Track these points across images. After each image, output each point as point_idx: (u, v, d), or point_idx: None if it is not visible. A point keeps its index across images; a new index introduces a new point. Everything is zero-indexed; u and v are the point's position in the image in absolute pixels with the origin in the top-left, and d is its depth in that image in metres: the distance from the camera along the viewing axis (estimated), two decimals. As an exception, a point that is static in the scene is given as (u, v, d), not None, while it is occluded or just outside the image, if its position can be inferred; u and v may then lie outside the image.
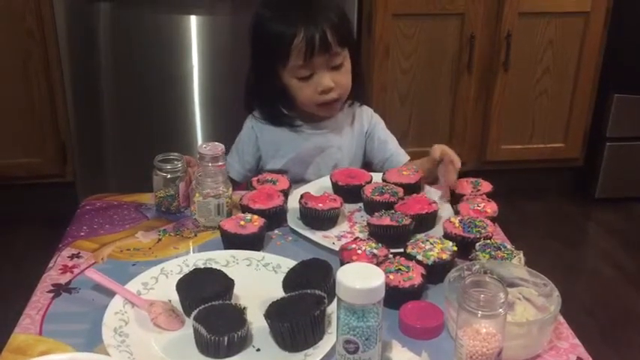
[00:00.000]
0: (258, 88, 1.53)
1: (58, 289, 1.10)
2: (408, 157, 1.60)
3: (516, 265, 1.06)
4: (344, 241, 1.20)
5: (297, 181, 1.48)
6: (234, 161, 1.57)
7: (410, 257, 1.10)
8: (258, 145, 1.56)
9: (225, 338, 0.92)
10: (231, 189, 1.29)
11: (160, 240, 1.25)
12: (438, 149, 1.40)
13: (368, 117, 1.61)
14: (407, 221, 1.19)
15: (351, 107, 1.58)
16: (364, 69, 1.71)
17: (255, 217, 1.22)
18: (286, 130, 1.54)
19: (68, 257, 1.19)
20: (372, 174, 1.41)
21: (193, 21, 2.41)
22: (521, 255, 1.10)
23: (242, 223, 1.19)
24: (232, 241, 1.18)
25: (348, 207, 1.34)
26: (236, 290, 1.04)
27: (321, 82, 1.44)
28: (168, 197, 1.33)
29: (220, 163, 1.26)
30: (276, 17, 1.44)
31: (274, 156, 1.55)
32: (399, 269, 1.04)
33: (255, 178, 1.39)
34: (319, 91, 1.45)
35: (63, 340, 0.97)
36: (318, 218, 1.26)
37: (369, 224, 1.23)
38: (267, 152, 1.56)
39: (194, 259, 1.14)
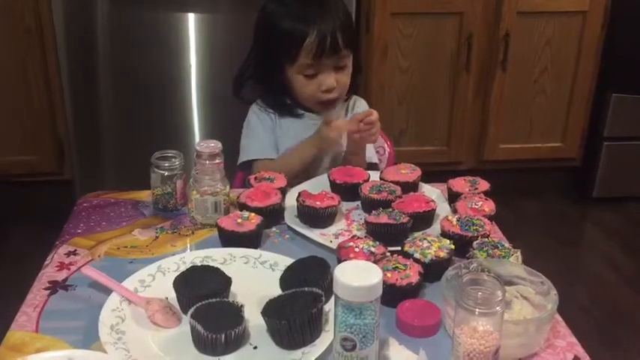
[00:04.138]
0: (263, 80, 1.55)
1: (54, 287, 1.09)
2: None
3: (514, 264, 1.06)
4: (341, 239, 1.20)
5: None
6: (259, 141, 1.56)
7: (407, 255, 1.10)
8: (274, 127, 1.58)
9: (223, 336, 0.92)
10: (228, 186, 1.29)
11: (157, 237, 1.25)
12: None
13: (362, 108, 1.63)
14: (404, 219, 1.19)
15: (348, 98, 1.61)
16: (362, 66, 1.72)
17: (253, 214, 1.22)
18: (289, 119, 1.57)
19: (65, 254, 1.19)
20: (369, 172, 1.41)
21: (191, 19, 2.41)
22: (519, 253, 1.10)
23: (239, 220, 1.19)
24: (229, 239, 1.18)
25: (345, 205, 1.34)
26: (233, 288, 1.04)
27: (324, 82, 1.48)
28: (166, 195, 1.33)
29: (218, 161, 1.25)
30: (288, 14, 1.47)
31: (279, 142, 1.57)
32: (397, 267, 1.04)
33: (252, 176, 1.39)
34: (322, 90, 1.49)
35: (59, 337, 0.97)
36: (316, 216, 1.26)
37: (366, 222, 1.23)
38: (282, 141, 1.58)
39: (191, 256, 1.14)
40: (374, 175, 1.40)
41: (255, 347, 0.95)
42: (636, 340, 2.16)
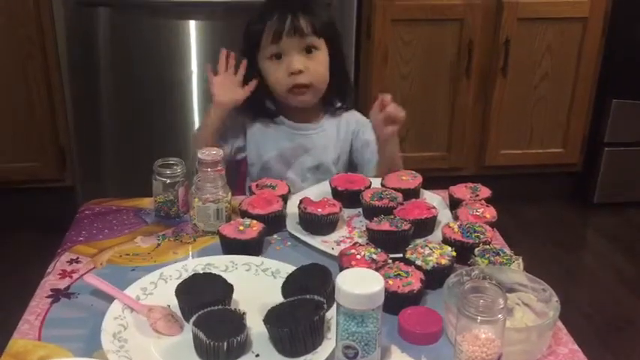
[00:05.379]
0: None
1: (57, 295, 1.10)
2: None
3: (515, 271, 1.06)
4: (343, 246, 1.20)
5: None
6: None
7: (409, 262, 1.10)
8: (245, 134, 1.58)
9: (225, 343, 0.92)
10: (230, 194, 1.29)
11: (159, 245, 1.25)
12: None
13: (355, 118, 1.62)
14: (406, 226, 1.19)
15: (337, 111, 1.60)
16: (349, 71, 1.72)
17: (254, 222, 1.22)
18: (271, 128, 1.57)
19: (67, 262, 1.19)
20: (371, 179, 1.41)
21: (192, 26, 2.41)
22: (520, 260, 1.10)
23: (241, 228, 1.19)
24: (231, 246, 1.19)
25: (347, 212, 1.34)
26: (235, 295, 1.04)
27: (291, 64, 1.48)
28: (168, 202, 1.33)
29: (219, 168, 1.26)
30: (260, 8, 1.50)
31: (257, 152, 1.57)
32: (398, 274, 1.04)
33: (254, 183, 1.39)
34: (289, 72, 1.48)
35: (62, 345, 0.97)
36: (318, 223, 1.26)
37: (368, 229, 1.23)
38: (251, 145, 1.58)
39: (193, 264, 1.14)
40: (375, 182, 1.41)
41: (257, 355, 0.95)
42: (638, 346, 2.16)
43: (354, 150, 1.62)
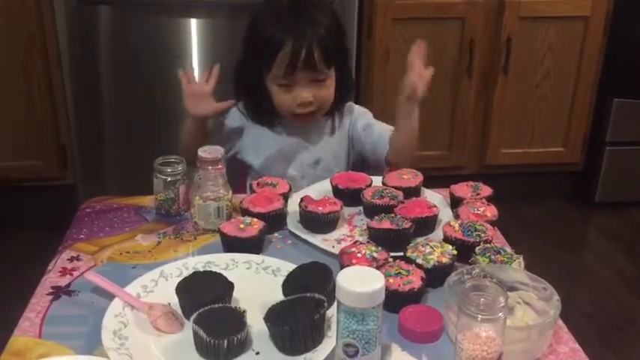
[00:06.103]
0: (245, 84, 1.54)
1: (57, 292, 1.10)
2: (391, 127, 1.58)
3: (516, 269, 1.06)
4: (344, 244, 1.20)
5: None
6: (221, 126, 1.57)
7: (410, 261, 1.10)
8: (242, 133, 1.57)
9: (225, 341, 0.92)
10: (231, 192, 1.29)
11: (159, 243, 1.25)
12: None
13: (350, 111, 1.62)
14: (407, 225, 1.19)
15: (334, 105, 1.58)
16: (352, 74, 1.70)
17: (255, 220, 1.22)
18: (268, 128, 1.56)
19: (68, 260, 1.19)
20: (372, 177, 1.41)
21: (193, 24, 2.41)
22: (521, 259, 1.10)
23: (242, 226, 1.19)
24: (232, 244, 1.19)
25: (347, 210, 1.34)
26: (235, 293, 1.04)
27: (300, 96, 1.46)
28: (169, 200, 1.33)
29: (220, 166, 1.26)
30: (271, 19, 1.46)
31: (255, 150, 1.57)
32: (399, 273, 1.04)
33: (255, 182, 1.39)
34: (297, 103, 1.47)
35: (62, 343, 0.97)
36: (318, 221, 1.26)
37: (368, 228, 1.23)
38: (247, 145, 1.57)
39: (194, 262, 1.14)
40: (376, 181, 1.41)
41: (257, 353, 0.95)
42: (639, 346, 2.16)
43: (356, 140, 1.61)
